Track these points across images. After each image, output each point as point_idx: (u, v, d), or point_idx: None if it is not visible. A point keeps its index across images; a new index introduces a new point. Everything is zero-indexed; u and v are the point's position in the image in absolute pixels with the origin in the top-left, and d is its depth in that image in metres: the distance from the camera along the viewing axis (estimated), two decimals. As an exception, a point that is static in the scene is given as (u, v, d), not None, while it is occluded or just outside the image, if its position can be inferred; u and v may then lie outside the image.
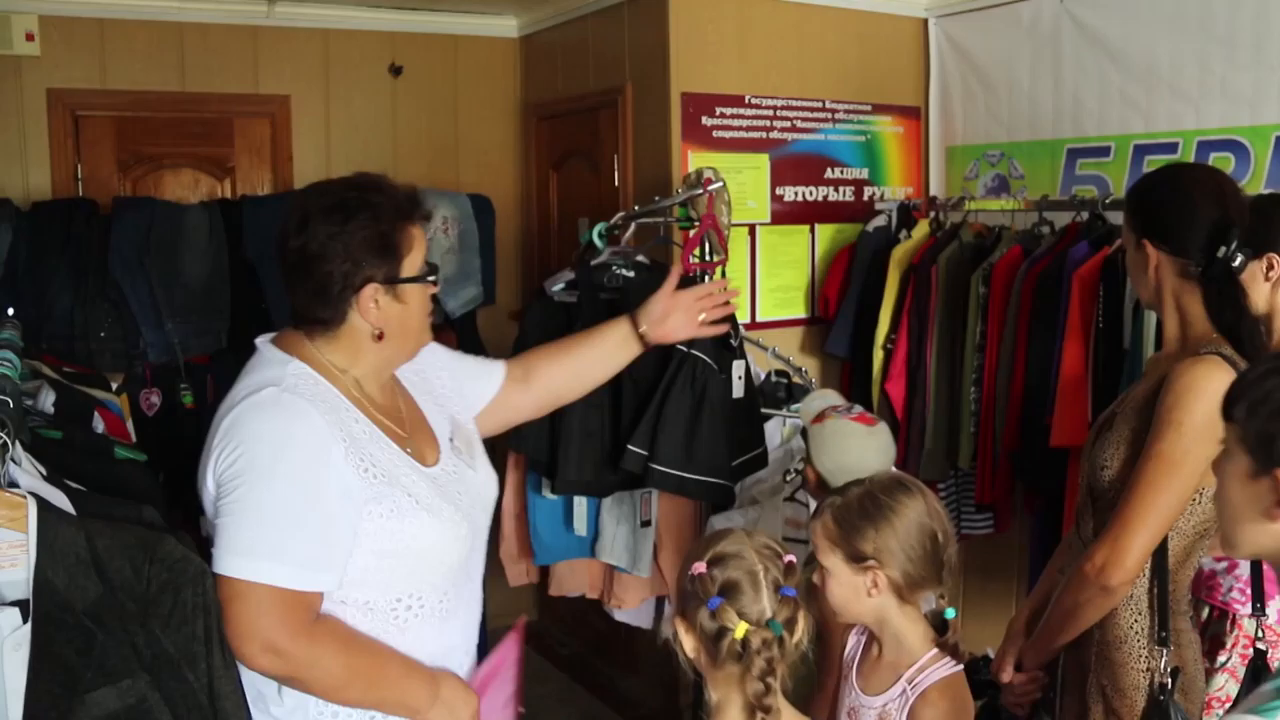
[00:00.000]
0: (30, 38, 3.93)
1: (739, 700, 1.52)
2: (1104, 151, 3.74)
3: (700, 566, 1.56)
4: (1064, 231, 3.47)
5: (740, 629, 1.50)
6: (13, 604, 1.48)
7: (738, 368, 3.15)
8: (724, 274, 3.31)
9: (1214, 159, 3.36)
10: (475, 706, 1.83)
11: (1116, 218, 3.15)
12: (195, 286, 3.71)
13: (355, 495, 1.70)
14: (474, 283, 4.20)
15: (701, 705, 1.61)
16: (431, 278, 1.85)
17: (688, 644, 1.58)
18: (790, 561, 1.56)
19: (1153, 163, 3.51)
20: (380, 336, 1.80)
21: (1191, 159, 3.41)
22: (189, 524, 1.91)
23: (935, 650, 1.82)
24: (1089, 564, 1.91)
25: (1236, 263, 1.90)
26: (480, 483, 1.97)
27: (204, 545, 1.69)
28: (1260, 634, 2.16)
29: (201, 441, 1.76)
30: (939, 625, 1.87)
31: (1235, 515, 1.30)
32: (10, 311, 2.34)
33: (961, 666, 1.83)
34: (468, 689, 1.84)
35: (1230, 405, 1.30)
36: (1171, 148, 3.52)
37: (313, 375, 1.77)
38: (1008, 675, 2.14)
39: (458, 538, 1.84)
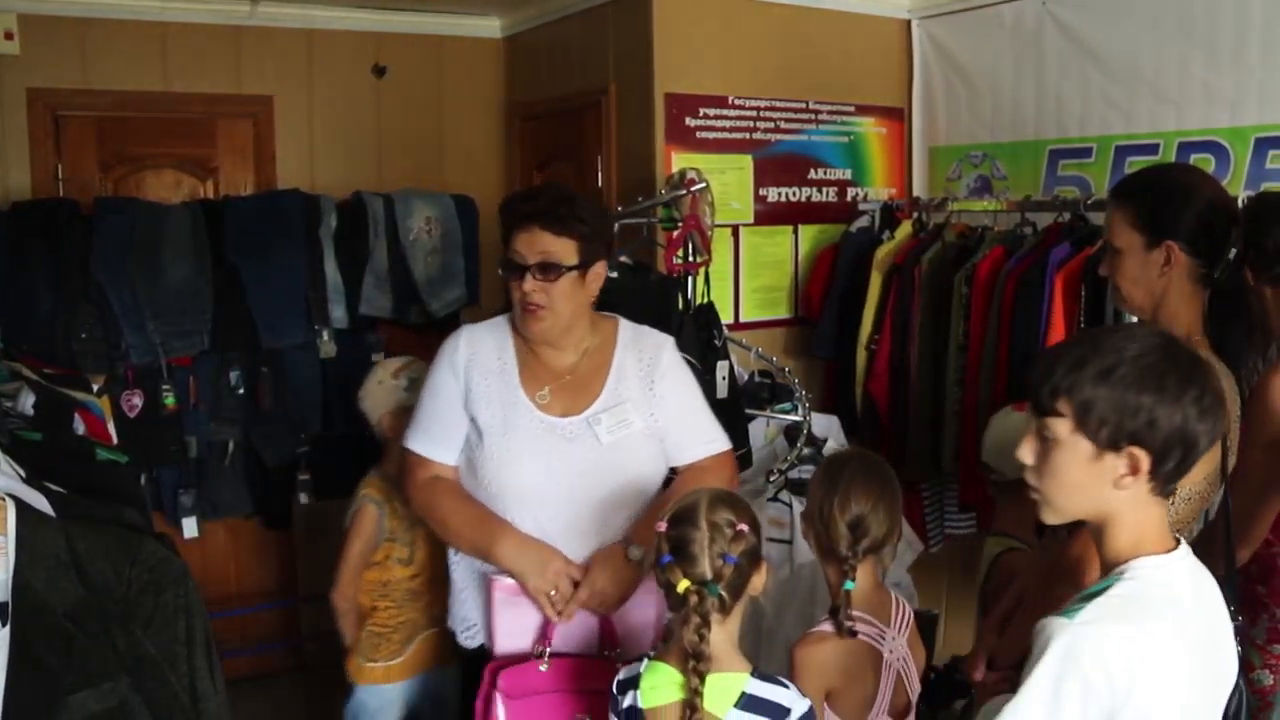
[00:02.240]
0: (10, 36, 3.90)
1: (679, 647, 1.71)
2: (1086, 152, 3.76)
3: (662, 525, 1.77)
4: (1046, 232, 3.48)
5: (681, 585, 1.70)
6: (-8, 607, 1.47)
7: (721, 368, 3.15)
8: (707, 274, 3.32)
9: (1194, 160, 3.38)
10: (556, 571, 2.15)
11: (1098, 218, 3.16)
12: (178, 288, 3.68)
13: (466, 403, 2.28)
14: (458, 284, 4.18)
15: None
16: (518, 266, 2.21)
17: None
18: (740, 530, 1.73)
19: (1134, 164, 3.53)
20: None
21: (1172, 160, 3.43)
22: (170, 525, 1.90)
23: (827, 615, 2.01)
24: (1060, 564, 1.92)
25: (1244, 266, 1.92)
26: (598, 452, 2.23)
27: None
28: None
29: (183, 443, 1.77)
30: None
31: (1076, 487, 1.46)
32: (-10, 313, 2.33)
33: (829, 629, 1.96)
34: (564, 560, 2.17)
35: (1053, 398, 1.43)
36: (1152, 149, 3.54)
37: (506, 325, 2.36)
38: (979, 674, 2.14)
39: (509, 464, 2.22)
